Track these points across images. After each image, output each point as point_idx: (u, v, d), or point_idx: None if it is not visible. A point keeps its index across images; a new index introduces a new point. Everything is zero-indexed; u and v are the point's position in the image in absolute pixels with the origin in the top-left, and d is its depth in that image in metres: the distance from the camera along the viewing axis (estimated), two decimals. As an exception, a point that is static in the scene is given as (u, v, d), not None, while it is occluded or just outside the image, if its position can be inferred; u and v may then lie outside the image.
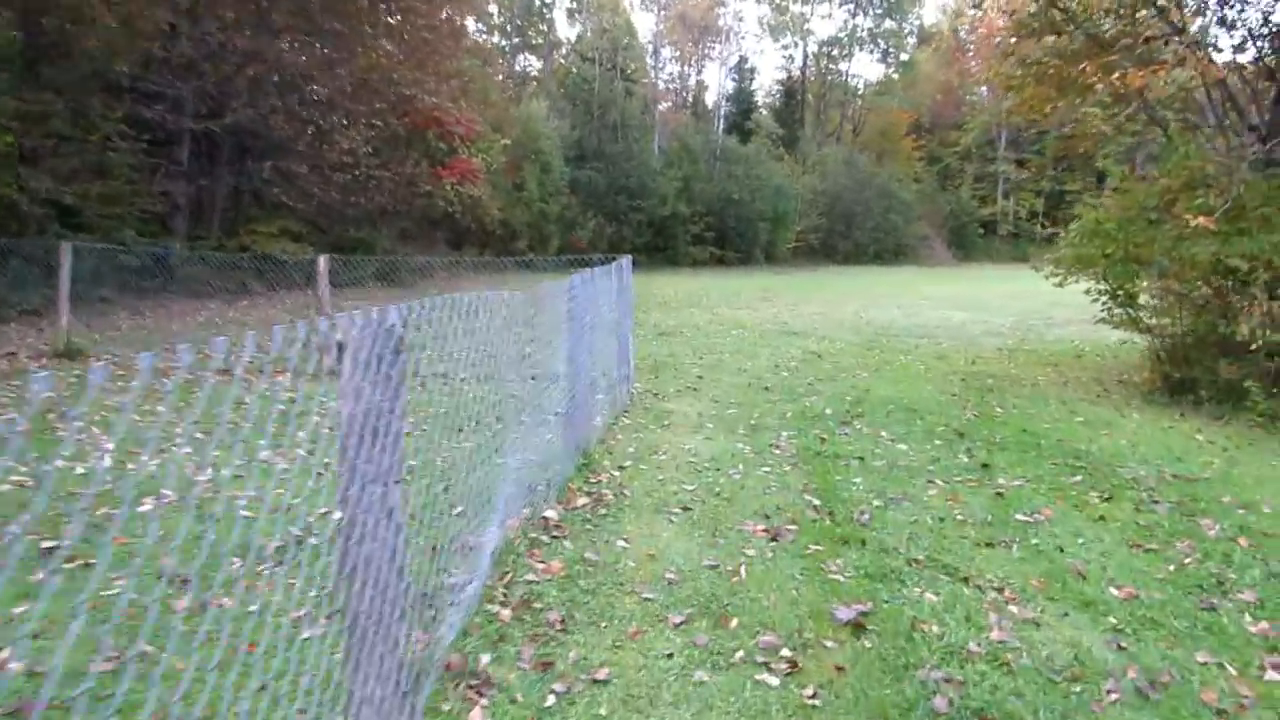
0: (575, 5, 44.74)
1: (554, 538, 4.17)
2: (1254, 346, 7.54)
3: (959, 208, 54.89)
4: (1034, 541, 4.22)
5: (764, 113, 50.35)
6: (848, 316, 17.85)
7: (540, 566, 3.78)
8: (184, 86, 14.97)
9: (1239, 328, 7.56)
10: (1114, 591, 3.60)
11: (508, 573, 3.69)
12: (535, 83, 45.96)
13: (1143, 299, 9.47)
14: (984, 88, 60.46)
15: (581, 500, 4.80)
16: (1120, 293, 9.37)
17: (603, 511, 4.63)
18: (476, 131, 21.86)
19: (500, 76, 41.95)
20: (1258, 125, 10.43)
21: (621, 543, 4.14)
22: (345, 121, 16.76)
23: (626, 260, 8.18)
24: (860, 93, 54.43)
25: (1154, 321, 9.41)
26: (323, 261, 8.55)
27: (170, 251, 15.46)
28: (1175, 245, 8.21)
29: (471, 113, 22.77)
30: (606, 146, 35.00)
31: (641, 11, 50.12)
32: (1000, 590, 3.59)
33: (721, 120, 45.25)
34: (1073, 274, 10.04)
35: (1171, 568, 3.92)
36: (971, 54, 61.30)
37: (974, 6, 29.69)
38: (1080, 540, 4.25)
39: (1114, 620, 3.32)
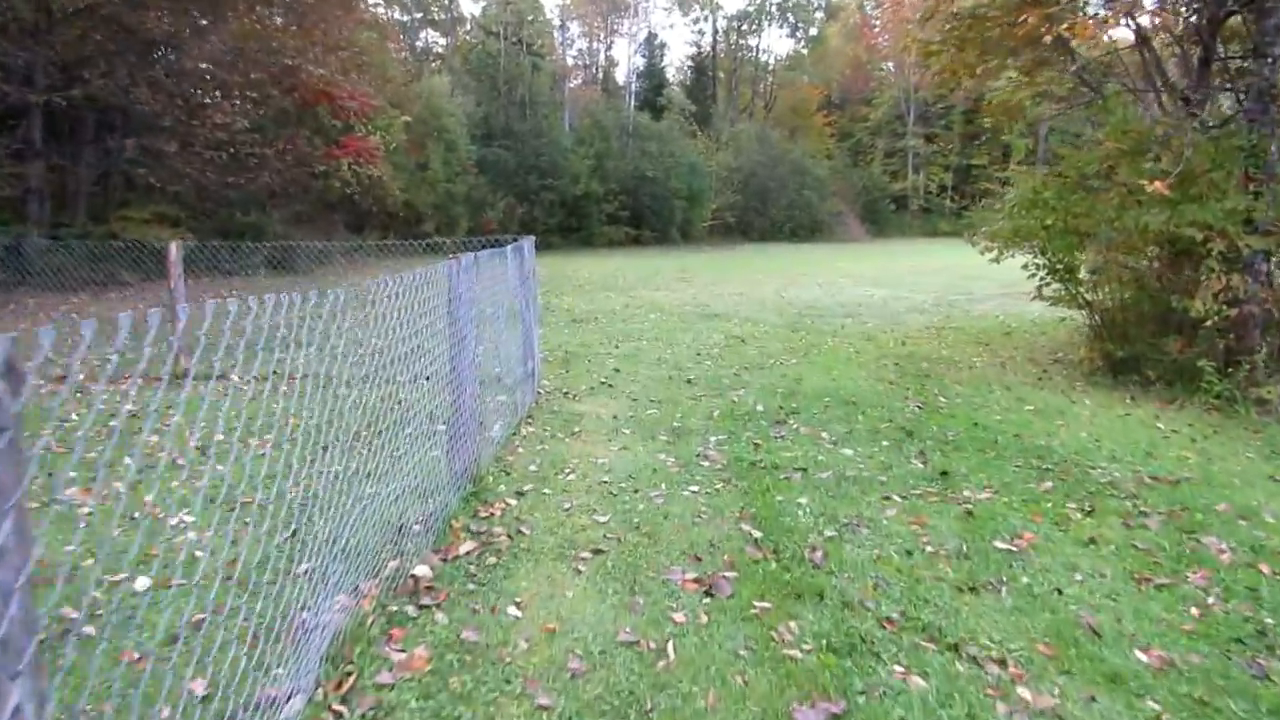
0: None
1: (423, 608, 3.19)
2: (1208, 323, 7.01)
3: (871, 183, 55.24)
4: (1024, 580, 3.44)
5: (676, 89, 49.52)
6: (769, 296, 17.18)
7: (398, 657, 2.80)
8: (27, 55, 13.20)
9: (1193, 303, 7.02)
10: (1141, 657, 2.83)
11: (351, 672, 2.70)
12: (439, 60, 44.11)
13: (1082, 272, 8.92)
14: (890, 63, 61.16)
15: (466, 545, 3.82)
16: (1060, 267, 8.80)
17: (492, 561, 3.66)
18: (372, 107, 20.35)
19: (402, 54, 40.03)
20: (1185, 90, 10.03)
21: (513, 609, 3.19)
22: (218, 94, 15.08)
23: (528, 242, 7.19)
24: (771, 68, 54.08)
25: (1094, 297, 8.88)
26: (174, 248, 7.31)
27: (22, 240, 13.76)
28: (1119, 214, 7.64)
29: (367, 87, 21.20)
30: (515, 124, 33.62)
31: (548, -15, 48.67)
32: (1002, 663, 2.77)
33: (633, 97, 44.22)
34: (1009, 248, 9.44)
35: (1195, 612, 3.18)
36: (878, 30, 61.83)
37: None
38: (1078, 576, 3.49)
39: (1155, 705, 2.54)
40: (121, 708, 2.44)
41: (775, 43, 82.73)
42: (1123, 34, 10.85)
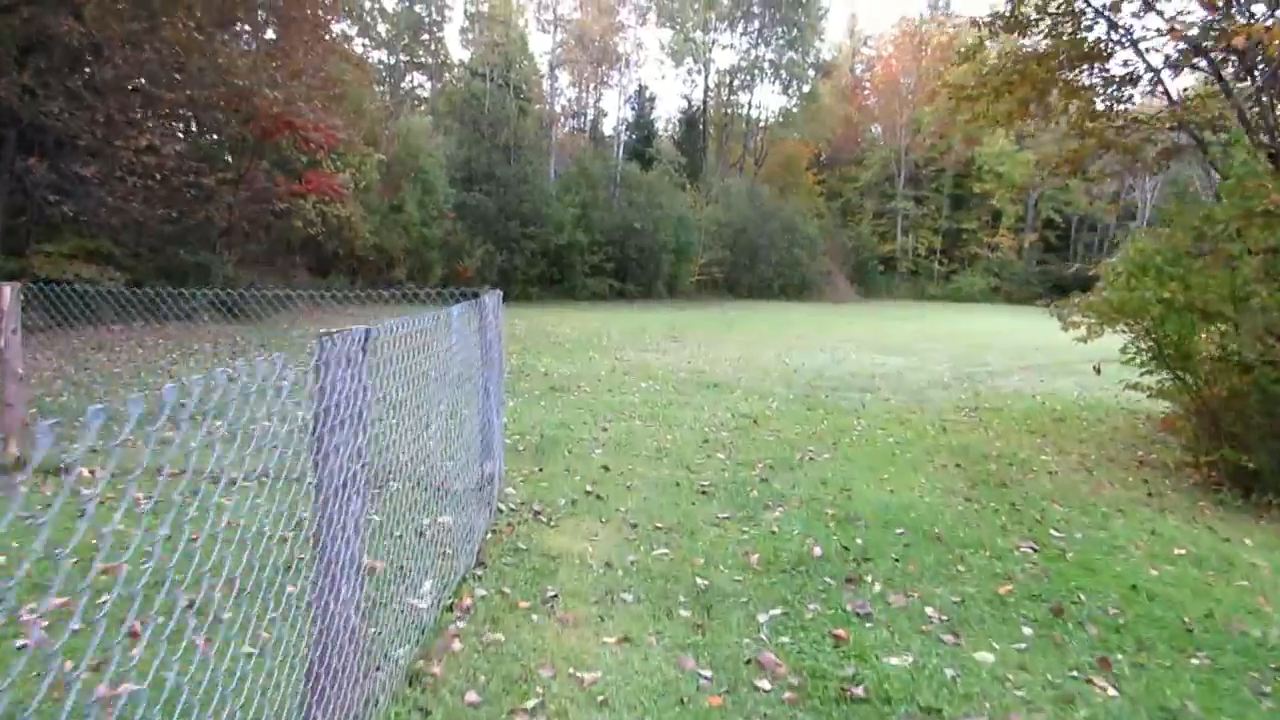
0: (467, 24, 41.90)
1: None
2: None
3: (860, 244, 54.21)
4: None
5: (665, 140, 48.33)
6: (771, 363, 15.34)
7: None
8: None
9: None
10: None
11: None
12: (423, 103, 42.69)
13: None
14: (878, 125, 60.63)
15: None
16: (1170, 351, 6.98)
17: None
18: (338, 140, 18.56)
19: (382, 91, 38.52)
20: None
21: None
22: (145, 112, 13.11)
23: (492, 298, 5.28)
24: (762, 124, 53.14)
25: (1207, 390, 7.06)
26: (6, 291, 5.31)
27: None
28: (1269, 288, 5.86)
29: (336, 119, 19.43)
30: (498, 169, 31.96)
31: (539, 34, 47.61)
32: None
33: (621, 147, 42.90)
34: (1107, 325, 7.65)
35: None
36: (868, 91, 61.41)
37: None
38: None
39: None
40: None
41: (767, 98, 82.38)
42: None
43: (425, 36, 43.25)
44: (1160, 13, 9.64)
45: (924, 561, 4.51)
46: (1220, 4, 8.47)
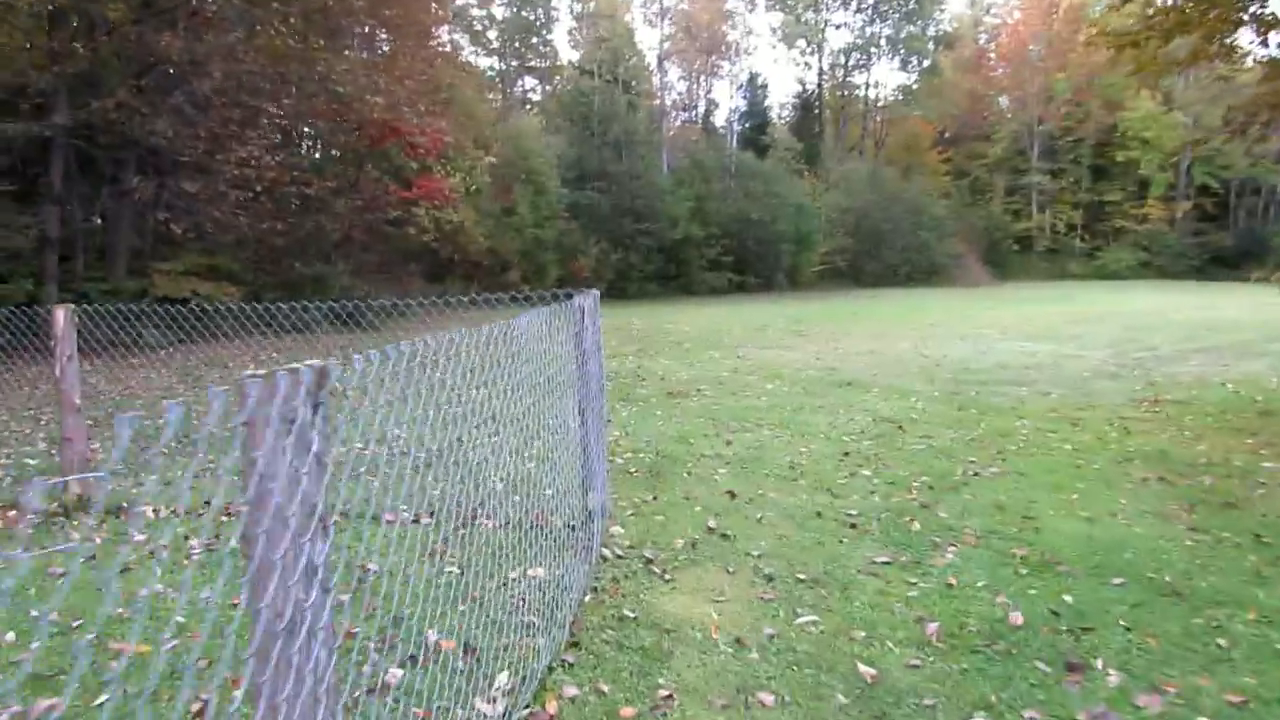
0: (575, 24, 41.63)
1: None
2: None
3: (992, 223, 51.01)
4: None
5: (780, 126, 46.81)
6: (907, 355, 14.00)
7: None
8: (44, 79, 11.37)
9: None
10: None
11: None
12: (535, 106, 42.73)
13: None
14: (1005, 97, 56.97)
15: None
16: None
17: None
18: (445, 144, 18.27)
19: (492, 97, 38.69)
20: None
21: None
22: (239, 125, 12.91)
23: (588, 299, 4.43)
24: (881, 104, 50.77)
25: None
26: (60, 316, 4.85)
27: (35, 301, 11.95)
28: None
29: (442, 123, 19.18)
30: (609, 166, 31.38)
31: (646, 27, 46.95)
32: None
33: (734, 137, 41.68)
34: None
35: None
36: (994, 62, 57.83)
37: None
38: None
39: None
40: None
41: (885, 76, 78.96)
42: None
43: (535, 40, 43.37)
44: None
45: (1167, 632, 3.36)
46: None
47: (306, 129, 14.94)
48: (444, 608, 3.49)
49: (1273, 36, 9.51)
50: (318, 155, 16.91)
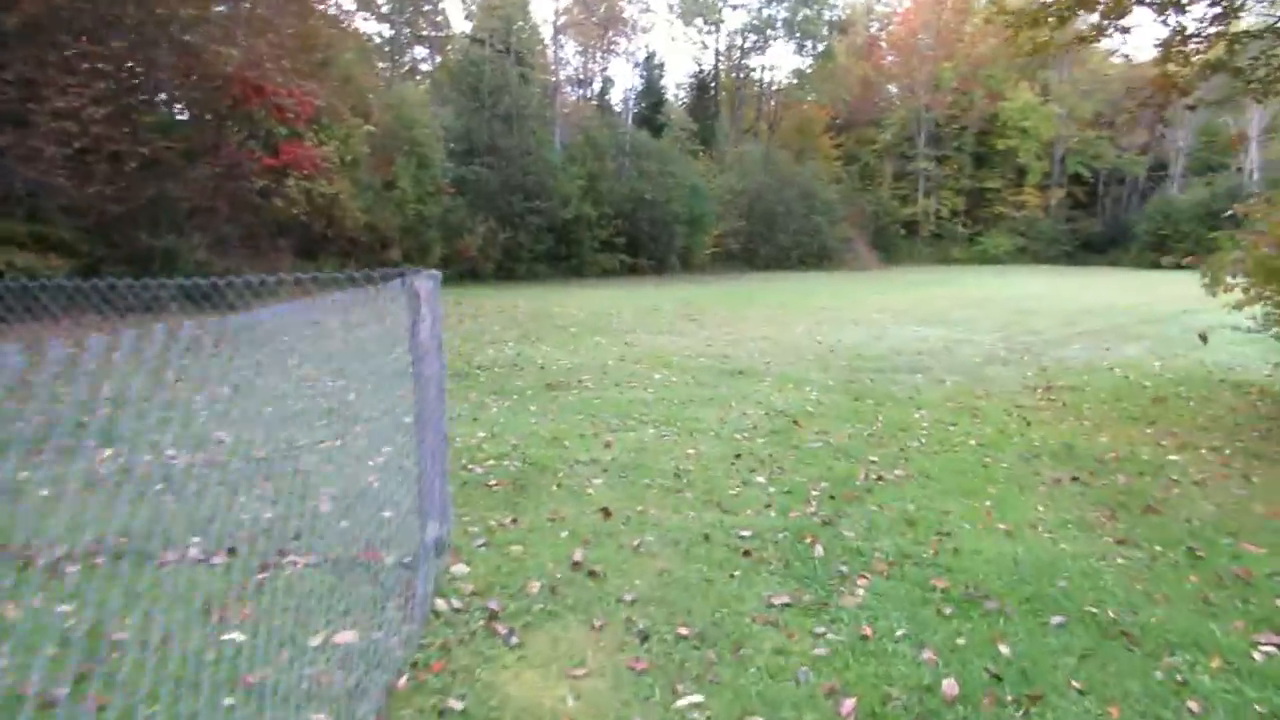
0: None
1: None
2: None
3: (880, 208, 51.87)
4: None
5: (677, 105, 46.19)
6: (802, 341, 13.54)
7: None
8: None
9: None
10: None
11: None
12: (426, 77, 40.73)
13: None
14: (894, 86, 57.93)
15: None
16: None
17: None
18: (315, 107, 16.76)
19: (387, 72, 36.61)
20: None
21: None
22: (56, 68, 11.07)
23: (426, 283, 3.53)
24: (776, 87, 50.69)
25: None
26: None
27: None
28: None
29: (315, 85, 17.63)
30: (499, 140, 29.95)
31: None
32: None
33: (630, 115, 40.77)
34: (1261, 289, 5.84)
35: None
36: (884, 50, 58.71)
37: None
38: None
39: None
40: None
41: (781, 60, 79.20)
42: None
43: (427, 7, 41.31)
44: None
45: (1128, 694, 2.74)
46: None
47: (142, 80, 13.17)
48: (205, 700, 2.55)
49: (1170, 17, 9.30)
50: (168, 112, 15.20)
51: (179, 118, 17.40)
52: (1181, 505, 4.95)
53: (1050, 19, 9.88)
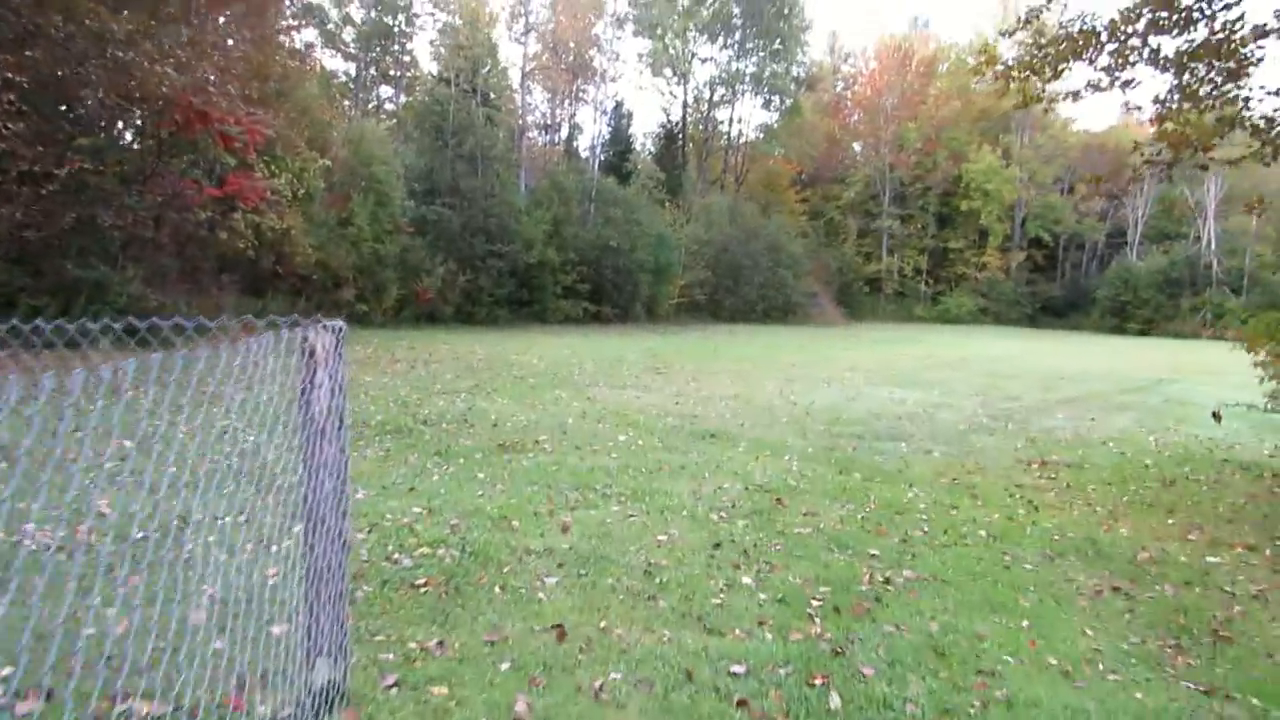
0: (437, 37, 39.12)
1: None
2: None
3: (844, 264, 51.94)
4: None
5: (644, 154, 45.90)
6: (774, 401, 12.74)
7: None
8: None
9: None
10: None
11: None
12: (392, 117, 39.96)
13: None
14: (859, 144, 58.50)
15: None
16: None
17: None
18: (264, 136, 15.79)
19: (351, 110, 35.81)
20: None
21: None
22: None
23: (325, 338, 2.59)
24: (744, 140, 50.74)
25: None
26: None
27: None
28: None
29: (266, 114, 16.68)
30: (462, 180, 29.14)
31: (512, 43, 45.04)
32: None
33: (597, 162, 40.28)
34: None
35: None
36: (850, 108, 59.39)
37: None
38: None
39: None
40: None
41: (748, 113, 79.65)
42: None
43: (395, 48, 40.75)
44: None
45: None
46: None
47: (69, 98, 12.06)
48: None
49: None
50: (107, 137, 14.13)
51: (120, 142, 16.33)
52: (1251, 630, 4.14)
53: (1047, 69, 9.36)
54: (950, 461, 8.82)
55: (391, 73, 42.39)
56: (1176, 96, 8.58)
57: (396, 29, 40.65)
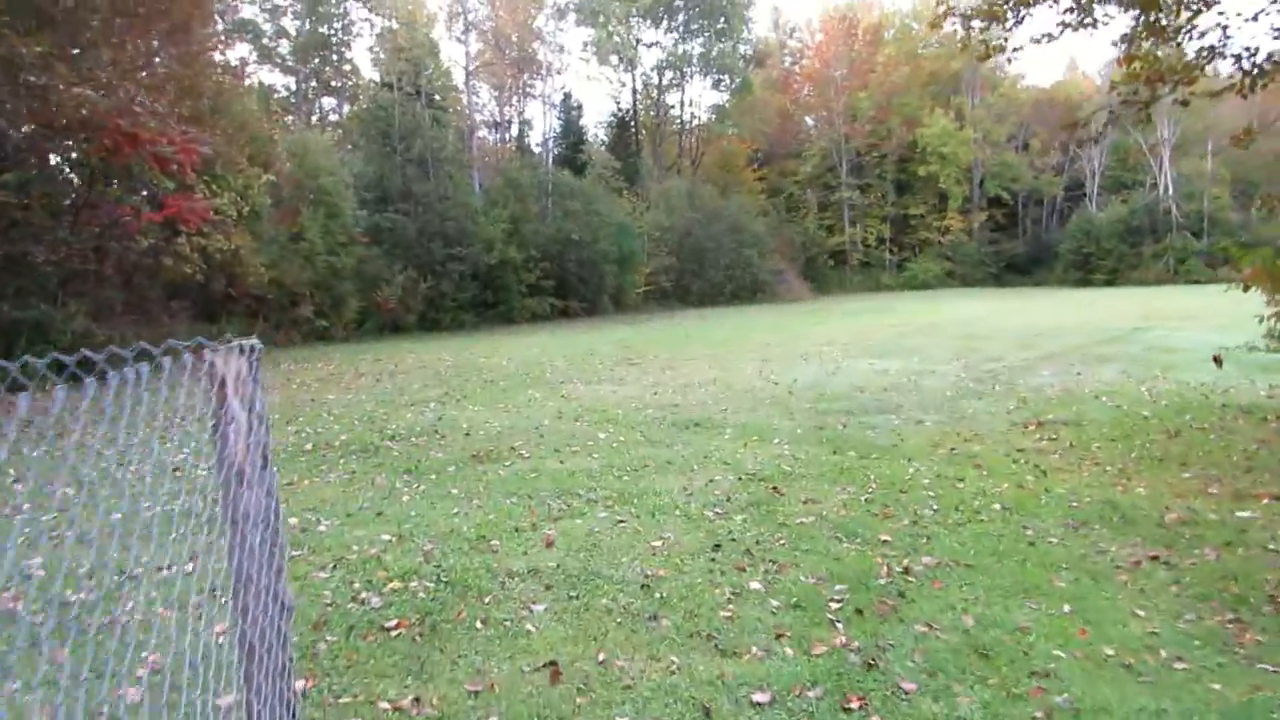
0: (375, 43, 38.14)
1: None
2: None
3: (807, 239, 51.68)
4: None
5: (597, 145, 45.29)
6: (754, 382, 12.34)
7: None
8: None
9: None
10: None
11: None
12: (337, 127, 39.05)
13: None
14: (811, 117, 58.22)
15: None
16: None
17: None
18: (198, 156, 15.06)
19: (294, 124, 34.80)
20: None
21: None
22: None
23: (236, 362, 2.10)
24: (696, 123, 50.25)
25: None
26: None
27: None
28: None
29: (206, 133, 15.93)
30: (414, 185, 28.41)
31: (453, 42, 44.22)
32: None
33: (550, 156, 39.60)
34: None
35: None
36: (799, 83, 59.09)
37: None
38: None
39: None
40: None
41: (699, 95, 78.84)
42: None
43: (335, 58, 39.79)
44: None
45: None
46: None
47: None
48: None
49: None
50: (34, 171, 13.37)
51: (46, 172, 15.53)
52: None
53: (1009, 14, 9.02)
54: (944, 430, 8.46)
55: (333, 83, 41.43)
56: (1143, 33, 8.26)
57: (334, 38, 39.71)
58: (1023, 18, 9.30)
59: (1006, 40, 9.76)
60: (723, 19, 45.86)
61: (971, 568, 4.26)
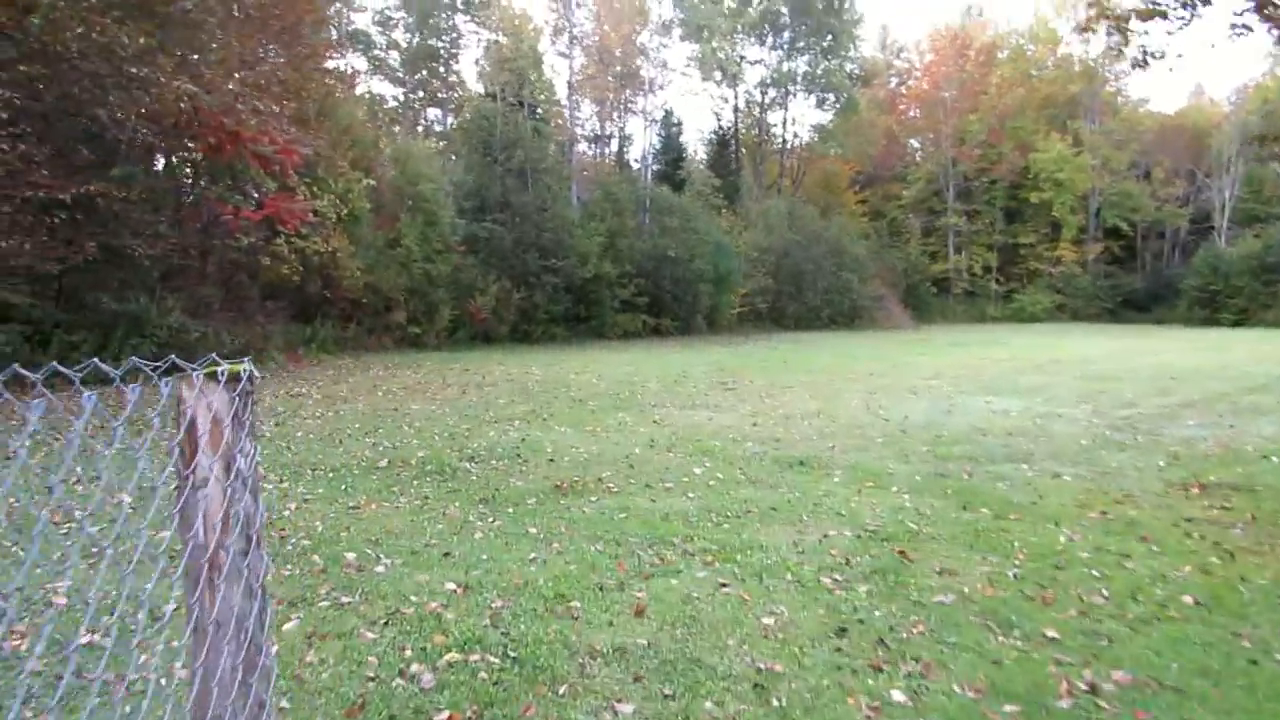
0: (481, 55, 38.54)
1: None
2: None
3: (909, 265, 49.79)
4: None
5: (697, 162, 44.68)
6: (862, 417, 11.35)
7: None
8: None
9: None
10: None
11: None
12: (443, 138, 39.58)
13: None
14: (916, 140, 56.34)
15: None
16: None
17: None
18: (300, 156, 14.98)
19: (399, 134, 35.43)
20: None
21: None
22: None
23: (216, 395, 1.38)
24: (799, 141, 49.15)
25: None
26: None
27: None
28: None
29: (302, 133, 15.91)
30: (513, 196, 28.26)
31: (556, 57, 44.38)
32: None
33: (649, 172, 39.18)
34: None
35: None
36: (906, 104, 57.27)
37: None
38: None
39: None
40: None
41: (802, 114, 77.31)
42: None
43: (441, 69, 40.47)
44: None
45: None
46: None
47: (80, 117, 11.25)
48: None
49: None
50: (138, 167, 13.49)
51: (154, 168, 15.74)
52: None
53: (1183, 9, 7.93)
54: (1088, 488, 7.37)
55: (439, 95, 42.08)
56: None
57: (442, 50, 40.35)
58: (1191, 19, 8.23)
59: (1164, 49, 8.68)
60: (830, 36, 44.78)
61: (1181, 693, 3.30)
